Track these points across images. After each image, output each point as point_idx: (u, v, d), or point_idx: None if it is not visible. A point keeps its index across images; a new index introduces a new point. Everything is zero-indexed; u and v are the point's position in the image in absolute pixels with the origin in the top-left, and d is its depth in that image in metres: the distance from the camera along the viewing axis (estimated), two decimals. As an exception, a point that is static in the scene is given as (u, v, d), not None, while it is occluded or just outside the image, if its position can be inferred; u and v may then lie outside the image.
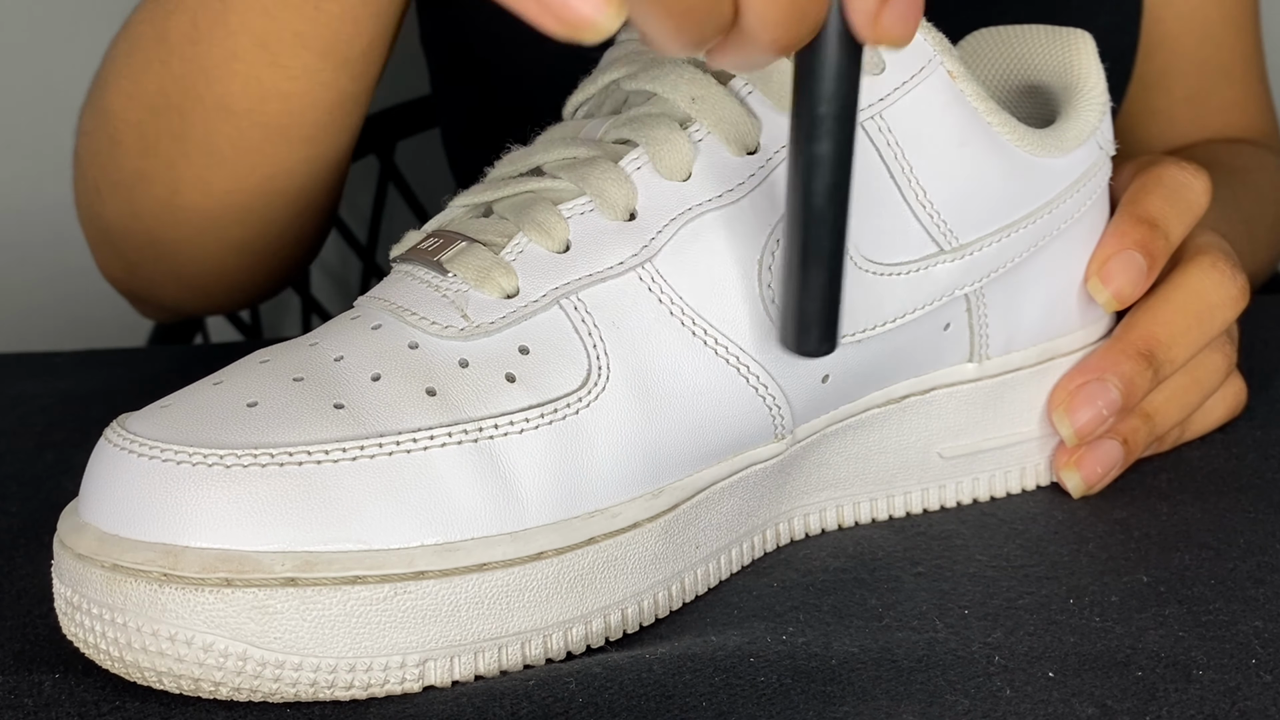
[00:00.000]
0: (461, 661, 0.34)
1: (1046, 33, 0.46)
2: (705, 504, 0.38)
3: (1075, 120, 0.44)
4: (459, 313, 0.36)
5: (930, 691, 0.34)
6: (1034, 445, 0.45)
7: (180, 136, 0.54)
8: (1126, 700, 0.33)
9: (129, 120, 0.56)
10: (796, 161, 0.33)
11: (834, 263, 0.34)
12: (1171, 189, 0.46)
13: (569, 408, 0.35)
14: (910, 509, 0.44)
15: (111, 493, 0.33)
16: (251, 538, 0.32)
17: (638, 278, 0.37)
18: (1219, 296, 0.45)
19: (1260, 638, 0.36)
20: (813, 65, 0.32)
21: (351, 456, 0.33)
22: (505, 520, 0.34)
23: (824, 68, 0.32)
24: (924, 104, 0.39)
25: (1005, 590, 0.39)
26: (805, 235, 0.33)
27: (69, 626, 0.34)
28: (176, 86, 0.53)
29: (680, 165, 0.38)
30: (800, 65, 0.32)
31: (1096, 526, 0.43)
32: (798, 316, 0.34)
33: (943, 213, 0.40)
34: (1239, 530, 0.42)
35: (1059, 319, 0.45)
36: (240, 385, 0.35)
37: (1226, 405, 0.49)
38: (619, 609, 0.36)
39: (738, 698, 0.33)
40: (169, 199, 0.56)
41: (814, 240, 0.33)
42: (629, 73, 0.40)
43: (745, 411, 0.38)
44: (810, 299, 0.34)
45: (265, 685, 0.32)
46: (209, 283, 0.61)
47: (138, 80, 0.55)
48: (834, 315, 0.34)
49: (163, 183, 0.56)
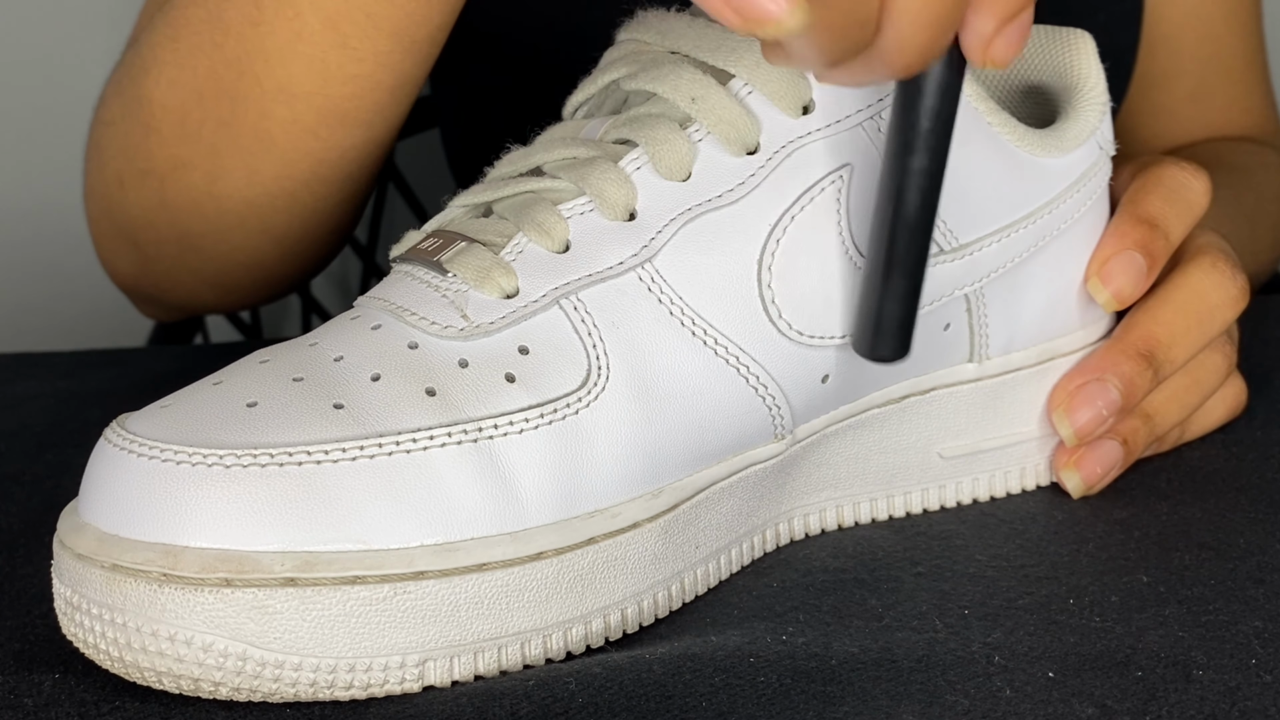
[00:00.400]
0: (461, 661, 0.34)
1: (1046, 32, 0.46)
2: (705, 504, 0.38)
3: (1075, 120, 0.44)
4: (459, 313, 0.36)
5: (930, 691, 0.34)
6: (1034, 445, 0.45)
7: (228, 122, 0.53)
8: (1126, 700, 0.33)
9: (169, 106, 0.54)
10: (893, 173, 0.34)
11: (918, 272, 0.35)
12: (1171, 189, 0.46)
13: (569, 408, 0.35)
14: (910, 509, 0.44)
15: (111, 493, 0.33)
16: (251, 538, 0.32)
17: (637, 278, 0.37)
18: (1219, 297, 0.45)
19: (1260, 638, 0.36)
20: (920, 84, 0.33)
21: (351, 456, 0.33)
22: (505, 520, 0.34)
23: (930, 86, 0.33)
24: (924, 104, 0.39)
25: (1005, 590, 0.39)
26: (893, 245, 0.34)
27: (69, 626, 0.34)
28: (230, 70, 0.52)
29: (680, 165, 0.38)
30: (907, 83, 0.33)
31: (1096, 527, 0.43)
32: (876, 323, 0.35)
33: (943, 213, 0.40)
34: (1239, 530, 0.42)
35: (1059, 319, 0.45)
36: (240, 385, 0.35)
37: (1226, 405, 0.49)
38: (619, 609, 0.36)
39: (738, 698, 0.33)
40: (208, 187, 0.55)
41: (903, 249, 0.34)
42: (629, 73, 0.40)
43: (745, 411, 0.38)
44: (892, 306, 0.35)
45: (265, 685, 0.32)
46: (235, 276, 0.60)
47: (183, 65, 0.53)
48: (912, 322, 0.36)
49: (203, 170, 0.55)
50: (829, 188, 0.38)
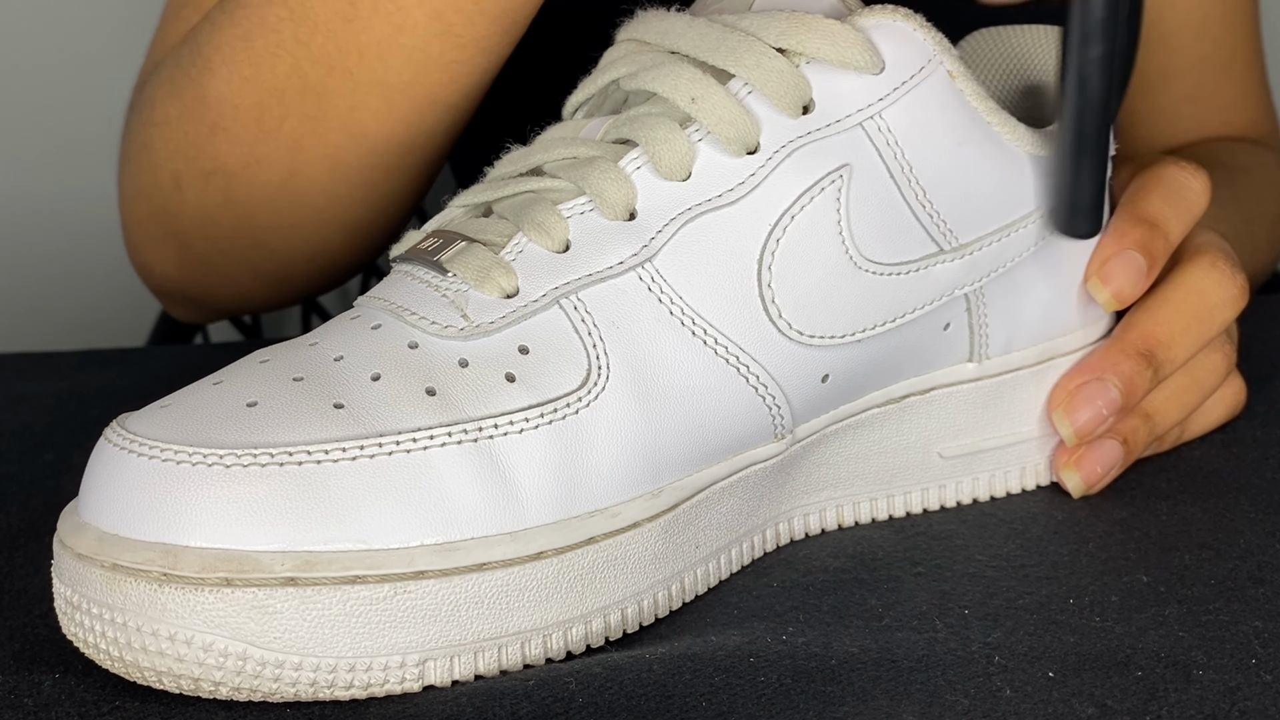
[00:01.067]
0: (461, 661, 0.34)
1: (1046, 32, 0.46)
2: (705, 504, 0.38)
3: (1075, 120, 0.44)
4: (459, 312, 0.36)
5: (930, 691, 0.34)
6: (1034, 445, 0.45)
7: (314, 117, 0.52)
8: (1126, 700, 0.33)
9: (242, 105, 0.53)
10: (1077, 64, 0.37)
11: (1103, 151, 0.39)
12: (1171, 189, 0.46)
13: (569, 407, 0.35)
14: (910, 509, 0.44)
15: (111, 492, 0.33)
16: (251, 537, 0.32)
17: (637, 278, 0.37)
18: (1218, 296, 0.45)
19: (1260, 637, 0.36)
20: None
21: (351, 456, 0.33)
22: (505, 520, 0.34)
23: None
24: (924, 104, 0.39)
25: (1005, 590, 0.39)
26: (1082, 128, 0.38)
27: (69, 626, 0.34)
28: (318, 67, 0.51)
29: (680, 165, 0.38)
30: None
31: (1096, 526, 0.43)
32: (1071, 203, 0.39)
33: (942, 212, 0.40)
34: (1239, 530, 0.42)
35: (1059, 319, 0.45)
36: (240, 385, 0.35)
37: (1226, 405, 0.49)
38: (619, 609, 0.36)
39: (738, 698, 0.33)
40: (283, 182, 0.54)
41: (1092, 131, 0.38)
42: (629, 73, 0.40)
43: (745, 411, 0.38)
44: (1084, 186, 0.39)
45: (265, 685, 0.32)
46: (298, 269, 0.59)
47: (259, 64, 0.52)
48: (1103, 199, 0.40)
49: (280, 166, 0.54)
50: (829, 188, 0.38)
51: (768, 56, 0.38)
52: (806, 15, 0.38)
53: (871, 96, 0.39)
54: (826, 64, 0.38)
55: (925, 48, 0.39)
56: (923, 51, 0.39)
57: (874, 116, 0.39)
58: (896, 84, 0.39)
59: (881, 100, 0.39)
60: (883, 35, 0.39)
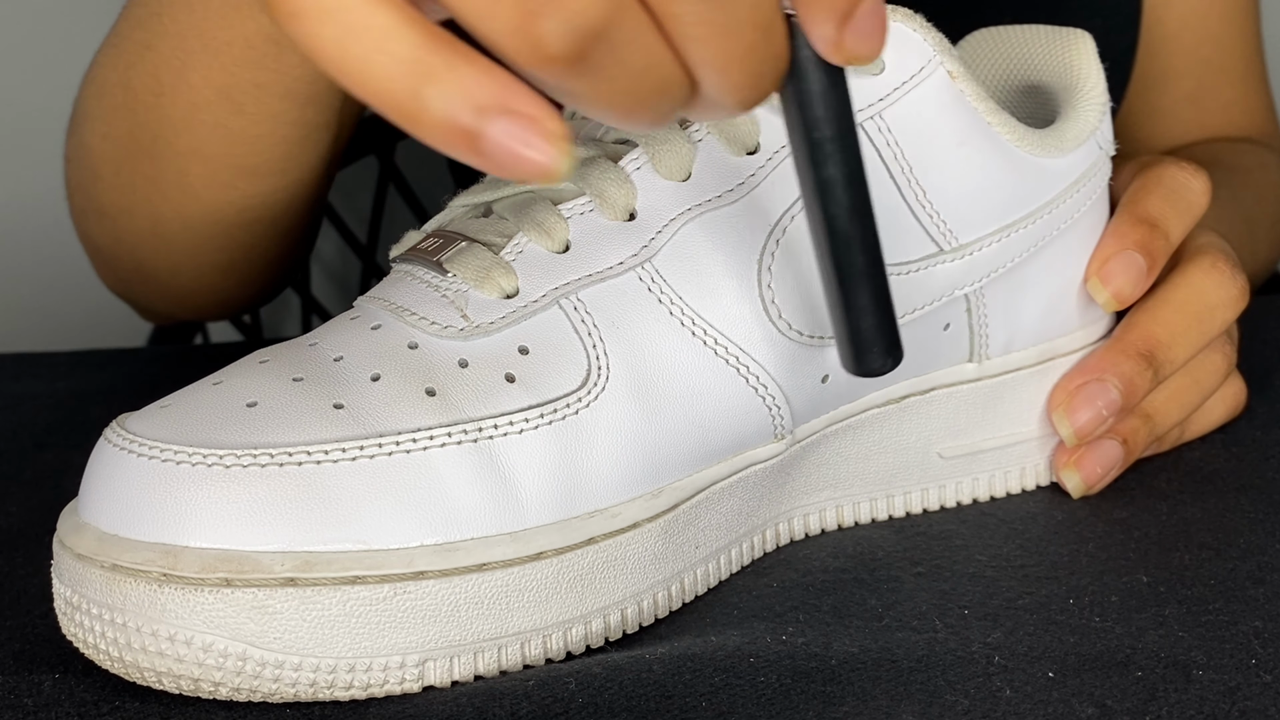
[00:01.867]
0: (461, 662, 0.34)
1: (1046, 33, 0.46)
2: (705, 504, 0.38)
3: (1075, 120, 0.44)
4: (459, 313, 0.36)
5: (930, 691, 0.34)
6: (1034, 445, 0.45)
7: (154, 178, 0.55)
8: (1126, 700, 0.33)
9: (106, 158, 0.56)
10: (807, 189, 0.32)
11: (875, 278, 0.33)
12: (1171, 189, 0.46)
13: (569, 408, 0.35)
14: (910, 509, 0.44)
15: (111, 493, 0.33)
16: (251, 538, 0.32)
17: (637, 278, 0.37)
18: (1219, 297, 0.45)
19: (1260, 638, 0.36)
20: (796, 95, 0.31)
21: (351, 456, 0.33)
22: (505, 520, 0.34)
23: (808, 95, 0.31)
24: (924, 104, 0.39)
25: (1005, 590, 0.39)
26: (837, 258, 0.33)
27: (68, 626, 0.34)
28: (145, 133, 0.54)
29: (680, 165, 0.38)
30: (785, 96, 0.31)
31: (1096, 526, 0.43)
32: (852, 338, 0.34)
33: (942, 213, 0.40)
34: (1239, 530, 0.42)
35: (1059, 319, 0.45)
36: (240, 385, 0.35)
37: (1226, 405, 0.49)
38: (619, 609, 0.36)
39: (737, 698, 0.33)
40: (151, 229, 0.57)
41: (847, 262, 0.33)
42: (629, 73, 0.40)
43: (745, 411, 0.38)
44: (860, 319, 0.33)
45: (265, 685, 0.32)
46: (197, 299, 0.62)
47: (109, 122, 0.55)
48: (890, 328, 0.34)
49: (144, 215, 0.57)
50: (829, 188, 0.38)
51: (768, 57, 0.38)
52: (806, 15, 0.38)
53: (872, 97, 0.39)
54: (826, 64, 0.38)
55: (925, 48, 0.39)
56: (923, 52, 0.39)
57: (874, 117, 0.39)
58: (896, 84, 0.39)
59: (882, 100, 0.39)
60: (883, 35, 0.39)
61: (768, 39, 0.29)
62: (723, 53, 0.28)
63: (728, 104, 0.30)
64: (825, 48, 0.29)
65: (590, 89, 0.28)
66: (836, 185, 0.32)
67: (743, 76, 0.29)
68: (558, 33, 0.26)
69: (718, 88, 0.29)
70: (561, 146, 0.27)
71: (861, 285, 0.33)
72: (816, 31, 0.29)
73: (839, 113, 0.31)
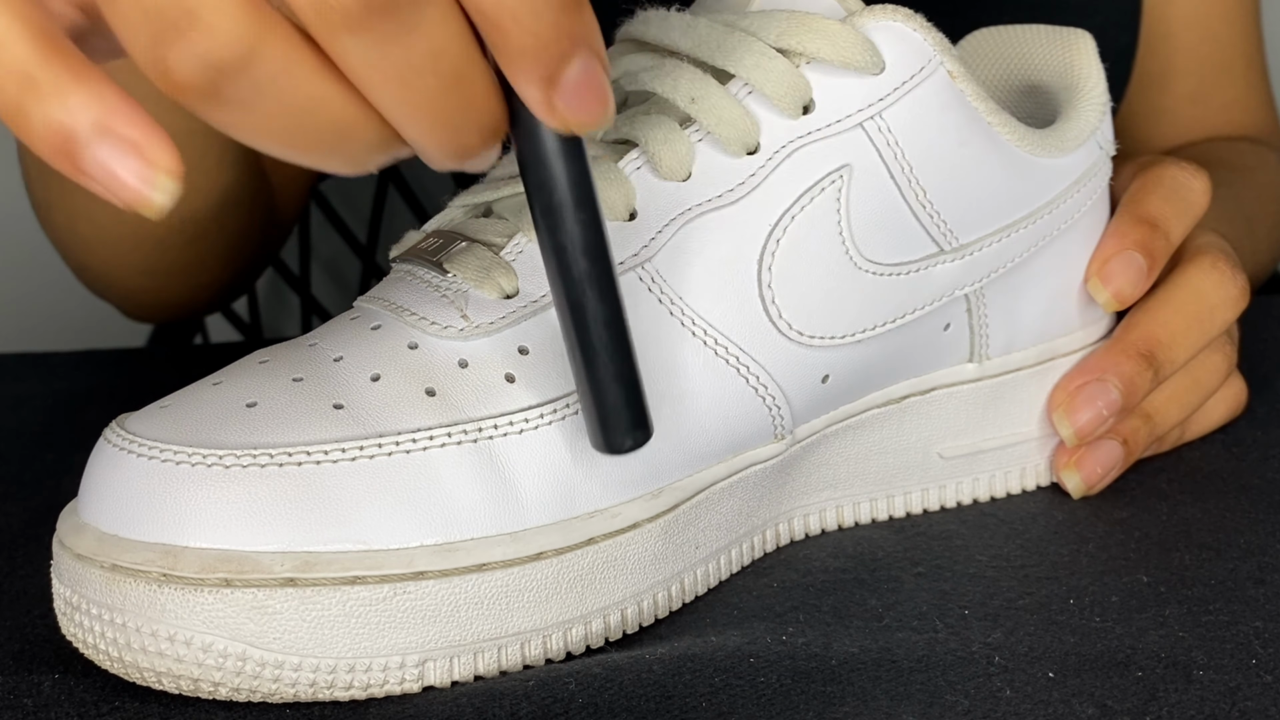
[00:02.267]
0: (461, 662, 0.34)
1: (1047, 32, 0.46)
2: (705, 504, 0.38)
3: (1075, 120, 0.44)
4: (459, 313, 0.36)
5: (930, 692, 0.33)
6: (1034, 445, 0.45)
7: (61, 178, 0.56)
8: (1126, 700, 0.33)
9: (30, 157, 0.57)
10: (545, 255, 0.31)
11: (615, 351, 0.31)
12: (1171, 189, 0.46)
13: (569, 408, 0.35)
14: (910, 509, 0.44)
15: (111, 493, 0.33)
16: (251, 538, 0.32)
17: (637, 278, 0.37)
18: (1219, 297, 0.45)
19: (1260, 638, 0.36)
20: (525, 154, 0.29)
21: (351, 457, 0.33)
22: (505, 520, 0.34)
23: (537, 156, 0.29)
24: (924, 104, 0.39)
25: (1005, 590, 0.39)
26: (575, 329, 0.31)
27: (68, 627, 0.34)
28: None
29: (680, 165, 0.38)
30: (518, 154, 0.30)
31: (1096, 527, 0.43)
32: (596, 412, 0.32)
33: (943, 213, 0.40)
34: (1239, 530, 0.42)
35: (1059, 319, 0.45)
36: (239, 385, 0.35)
37: (1227, 405, 0.49)
38: (619, 609, 0.36)
39: (738, 698, 0.33)
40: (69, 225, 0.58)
41: (584, 334, 0.31)
42: (629, 73, 0.40)
43: (745, 411, 0.38)
44: (603, 393, 0.32)
45: (265, 685, 0.32)
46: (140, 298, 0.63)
47: None
48: (635, 403, 0.32)
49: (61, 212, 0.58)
50: (829, 188, 0.38)
51: (768, 57, 0.38)
52: (807, 15, 0.38)
53: (872, 97, 0.39)
54: (827, 64, 0.38)
55: (925, 48, 0.39)
56: (923, 52, 0.39)
57: (874, 117, 0.39)
58: (897, 84, 0.39)
59: (882, 100, 0.39)
60: (883, 35, 0.39)
61: (458, 90, 0.27)
62: (401, 100, 0.27)
63: (434, 155, 0.28)
64: (538, 111, 0.28)
65: (235, 121, 0.27)
66: (570, 254, 0.30)
67: (433, 128, 0.28)
68: (186, 65, 0.25)
69: (412, 137, 0.28)
70: (163, 178, 0.26)
71: (601, 359, 0.31)
72: (523, 93, 0.28)
73: (574, 177, 0.30)
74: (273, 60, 0.26)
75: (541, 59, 0.27)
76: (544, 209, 0.30)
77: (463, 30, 0.27)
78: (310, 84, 0.26)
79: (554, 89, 0.27)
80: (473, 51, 0.27)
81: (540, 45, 0.27)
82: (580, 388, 0.32)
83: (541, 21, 0.27)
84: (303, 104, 0.27)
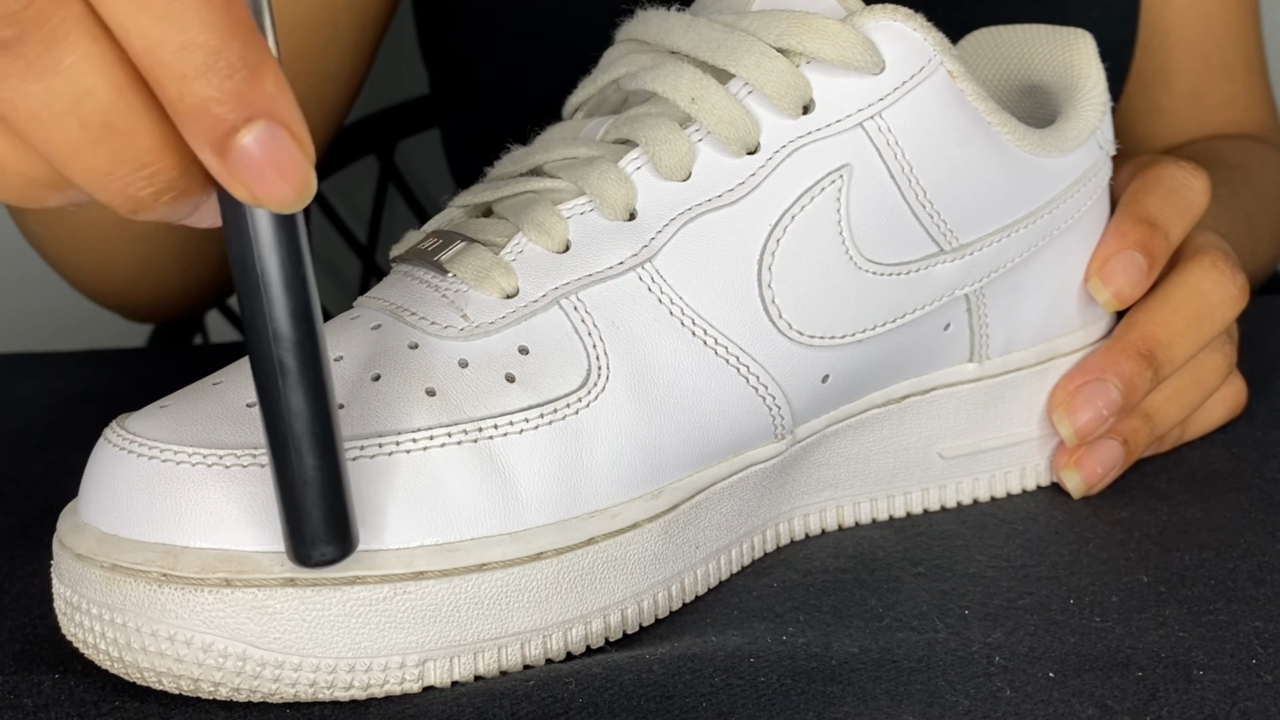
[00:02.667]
0: (461, 662, 0.34)
1: (1046, 32, 0.46)
2: (705, 504, 0.38)
3: (1075, 120, 0.44)
4: (459, 313, 0.36)
5: (930, 692, 0.33)
6: (1034, 445, 0.45)
7: None
8: (1127, 700, 0.33)
9: None
10: (245, 331, 0.28)
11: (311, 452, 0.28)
12: (1171, 189, 0.46)
13: (569, 408, 0.35)
14: (910, 509, 0.44)
15: (111, 493, 0.33)
16: (251, 538, 0.32)
17: (637, 278, 0.37)
18: (1219, 296, 0.45)
19: (1261, 638, 0.36)
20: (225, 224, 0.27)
21: (351, 457, 0.33)
22: (505, 520, 0.34)
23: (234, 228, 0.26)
24: (924, 104, 0.39)
25: (1005, 590, 0.39)
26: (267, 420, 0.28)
27: (68, 627, 0.33)
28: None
29: (680, 165, 0.38)
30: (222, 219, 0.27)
31: (1097, 527, 0.43)
32: (285, 518, 0.29)
33: (943, 213, 0.40)
34: (1239, 530, 0.42)
35: (1059, 319, 0.45)
36: (240, 385, 0.35)
37: (1227, 405, 0.49)
38: (619, 609, 0.36)
39: (738, 698, 0.33)
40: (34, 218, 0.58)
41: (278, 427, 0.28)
42: (629, 73, 0.40)
43: (745, 411, 0.38)
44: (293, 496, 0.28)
45: (265, 685, 0.32)
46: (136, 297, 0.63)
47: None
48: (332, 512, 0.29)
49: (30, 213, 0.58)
50: (829, 188, 0.38)
51: (768, 56, 0.38)
52: (807, 15, 0.38)
53: (872, 96, 0.39)
54: (827, 64, 0.38)
55: (925, 48, 0.39)
56: (923, 51, 0.39)
57: (874, 116, 0.39)
58: (897, 84, 0.39)
59: (882, 100, 0.39)
60: (883, 35, 0.39)
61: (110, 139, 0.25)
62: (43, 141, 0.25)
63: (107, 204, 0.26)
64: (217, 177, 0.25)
65: None
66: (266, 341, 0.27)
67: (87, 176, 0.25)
68: None
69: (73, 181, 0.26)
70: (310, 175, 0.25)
71: (292, 459, 0.28)
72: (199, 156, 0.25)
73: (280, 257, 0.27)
74: None
75: (208, 124, 0.25)
76: (241, 287, 0.27)
77: (114, 79, 0.25)
78: None
79: (225, 158, 0.25)
80: (130, 100, 0.25)
81: (205, 107, 0.25)
82: (278, 495, 0.29)
83: (207, 82, 0.24)
84: None
